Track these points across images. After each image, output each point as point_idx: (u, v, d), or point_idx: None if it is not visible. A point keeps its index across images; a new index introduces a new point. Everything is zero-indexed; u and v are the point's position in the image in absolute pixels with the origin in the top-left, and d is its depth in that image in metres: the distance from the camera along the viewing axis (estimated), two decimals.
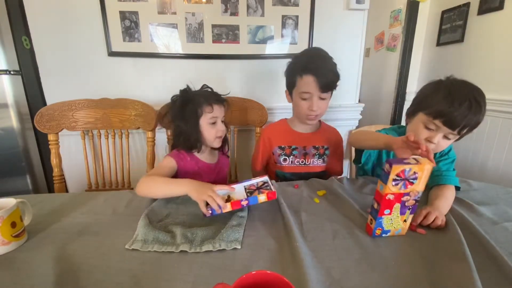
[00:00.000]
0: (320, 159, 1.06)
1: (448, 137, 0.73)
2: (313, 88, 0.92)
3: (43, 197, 0.81)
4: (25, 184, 1.39)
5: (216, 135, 0.92)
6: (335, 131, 1.12)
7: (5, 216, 0.54)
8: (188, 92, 0.92)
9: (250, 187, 0.73)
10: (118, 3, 1.19)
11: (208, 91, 0.95)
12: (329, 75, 0.92)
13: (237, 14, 1.27)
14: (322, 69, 0.91)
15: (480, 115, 0.68)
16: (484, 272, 0.47)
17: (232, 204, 0.65)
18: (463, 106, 0.66)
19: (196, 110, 0.88)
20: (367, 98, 1.91)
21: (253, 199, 0.65)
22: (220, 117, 0.93)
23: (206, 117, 0.90)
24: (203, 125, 0.90)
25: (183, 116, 0.89)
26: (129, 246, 0.56)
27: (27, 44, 1.25)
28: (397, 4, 1.85)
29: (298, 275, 0.47)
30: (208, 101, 0.89)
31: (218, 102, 0.92)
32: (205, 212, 0.65)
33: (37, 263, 0.51)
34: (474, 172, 1.46)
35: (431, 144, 0.73)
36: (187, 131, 0.90)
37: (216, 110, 0.91)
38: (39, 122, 1.10)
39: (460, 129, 0.69)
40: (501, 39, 1.32)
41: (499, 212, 0.70)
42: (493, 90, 1.35)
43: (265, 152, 1.08)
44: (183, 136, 0.91)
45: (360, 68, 1.47)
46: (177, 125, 0.92)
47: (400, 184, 0.54)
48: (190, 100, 0.89)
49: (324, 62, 0.94)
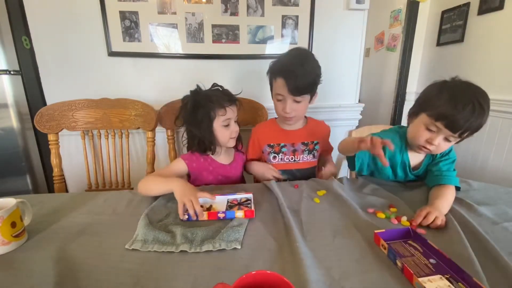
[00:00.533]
0: (310, 155, 1.05)
1: (449, 139, 0.73)
2: (285, 91, 0.91)
3: (43, 197, 0.81)
4: (25, 184, 1.39)
5: (230, 136, 0.91)
6: (322, 124, 1.12)
7: (5, 216, 0.54)
8: (199, 94, 0.89)
9: (233, 201, 0.76)
10: (118, 3, 1.19)
11: (219, 91, 0.92)
12: (301, 79, 0.88)
13: (237, 14, 1.27)
14: (294, 73, 0.88)
15: (483, 119, 0.68)
16: (484, 272, 0.47)
17: (209, 214, 0.68)
18: (467, 110, 0.66)
19: (209, 113, 0.86)
20: (367, 98, 1.91)
21: (231, 214, 0.68)
22: (233, 118, 0.91)
23: (219, 120, 0.88)
24: (217, 128, 0.89)
25: (195, 120, 0.87)
26: (129, 246, 0.56)
27: (27, 44, 1.25)
28: (397, 4, 1.85)
29: (298, 275, 0.47)
30: (221, 104, 0.86)
31: (231, 103, 0.89)
32: (181, 215, 0.67)
33: (37, 263, 0.51)
34: (474, 172, 1.46)
35: (431, 146, 0.73)
36: (201, 135, 0.88)
37: (229, 112, 0.89)
38: (39, 122, 1.10)
39: (462, 132, 0.69)
40: (501, 39, 1.32)
41: (499, 212, 0.70)
42: (493, 90, 1.34)
43: (255, 151, 1.08)
44: (197, 140, 0.90)
45: (360, 68, 1.47)
46: (189, 129, 0.90)
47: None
48: (202, 103, 0.87)
49: (300, 65, 0.89)
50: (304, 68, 0.90)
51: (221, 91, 0.92)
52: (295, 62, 0.90)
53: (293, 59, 0.92)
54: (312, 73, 0.92)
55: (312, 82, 0.93)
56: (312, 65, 0.93)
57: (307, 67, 0.91)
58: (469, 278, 0.45)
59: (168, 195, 0.78)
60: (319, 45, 1.38)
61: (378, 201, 0.76)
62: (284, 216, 0.67)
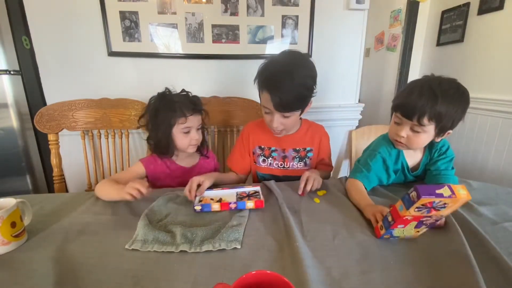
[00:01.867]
0: (301, 162, 0.99)
1: (415, 129, 0.73)
2: (271, 106, 0.83)
3: (43, 197, 0.81)
4: (25, 184, 1.40)
5: (190, 143, 0.90)
6: (318, 129, 1.02)
7: (5, 216, 0.54)
8: (164, 98, 0.89)
9: (242, 193, 0.79)
10: (118, 3, 1.19)
11: (186, 97, 0.91)
12: (288, 95, 0.80)
13: (237, 14, 1.27)
14: (280, 89, 0.79)
15: (437, 103, 0.67)
16: (484, 272, 0.47)
17: (221, 204, 0.71)
18: (414, 94, 0.69)
19: (170, 120, 0.86)
20: (367, 98, 1.91)
21: (242, 204, 0.72)
22: (195, 127, 0.90)
23: (179, 127, 0.88)
24: (176, 134, 0.89)
25: (155, 124, 0.88)
26: (129, 246, 0.56)
27: (27, 44, 1.26)
28: (397, 4, 1.85)
29: (298, 275, 0.47)
30: (183, 111, 0.86)
31: (195, 112, 0.89)
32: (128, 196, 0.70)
33: (37, 263, 0.51)
34: (474, 172, 1.46)
35: (400, 138, 0.76)
36: (158, 137, 0.88)
37: (191, 121, 0.88)
38: (39, 122, 1.10)
39: (418, 118, 0.70)
40: (501, 39, 1.32)
41: (499, 212, 0.70)
42: (493, 90, 1.36)
43: (243, 149, 1.02)
44: (154, 142, 0.90)
45: (360, 68, 1.47)
46: (150, 129, 0.91)
47: (423, 211, 0.49)
48: (164, 107, 0.86)
49: (289, 77, 0.79)
50: (293, 81, 0.80)
51: (188, 98, 0.91)
52: (283, 73, 0.80)
53: (281, 68, 0.82)
54: (302, 86, 0.82)
55: (302, 97, 0.84)
56: (304, 75, 0.82)
57: (297, 78, 0.80)
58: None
59: (168, 195, 0.78)
60: (319, 45, 1.38)
61: (378, 201, 0.76)
62: (284, 216, 0.67)
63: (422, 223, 0.54)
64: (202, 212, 0.71)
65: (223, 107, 1.25)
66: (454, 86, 0.70)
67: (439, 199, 0.46)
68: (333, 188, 0.85)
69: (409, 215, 0.50)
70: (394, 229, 0.55)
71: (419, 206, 0.48)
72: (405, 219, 0.51)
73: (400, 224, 0.53)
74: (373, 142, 0.91)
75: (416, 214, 0.50)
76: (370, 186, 0.82)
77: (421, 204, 0.47)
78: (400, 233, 0.57)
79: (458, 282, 0.46)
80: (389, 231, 0.56)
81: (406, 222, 0.53)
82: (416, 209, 0.48)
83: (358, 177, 0.82)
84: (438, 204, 0.47)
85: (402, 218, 0.51)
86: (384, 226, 0.57)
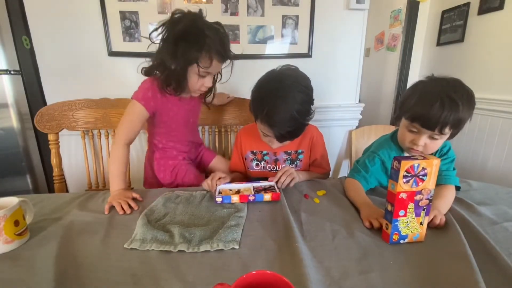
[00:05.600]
0: (292, 165, 0.99)
1: (433, 137, 0.71)
2: (272, 134, 0.84)
3: (44, 197, 0.81)
4: (25, 184, 1.40)
5: (199, 88, 0.84)
6: (310, 129, 0.99)
7: (8, 214, 0.55)
8: (196, 23, 0.75)
9: (258, 187, 0.82)
10: (118, 3, 1.20)
11: (218, 36, 0.77)
12: (283, 128, 0.80)
13: (237, 14, 1.27)
14: (275, 123, 0.79)
15: (458, 112, 0.66)
16: (484, 272, 0.47)
17: (240, 196, 0.75)
18: (435, 106, 0.66)
19: (192, 55, 0.75)
20: (367, 98, 1.91)
21: (259, 196, 0.75)
22: (213, 73, 0.83)
23: (197, 68, 0.78)
24: (190, 73, 0.80)
25: (174, 53, 0.75)
26: (128, 245, 0.56)
27: (27, 44, 1.26)
28: (397, 4, 1.85)
29: (298, 275, 0.47)
30: (210, 54, 0.75)
31: (221, 58, 0.79)
32: (106, 210, 0.71)
33: (40, 261, 0.52)
34: (474, 172, 1.46)
35: (418, 147, 0.73)
36: (172, 71, 0.78)
37: (213, 67, 0.79)
38: (39, 122, 1.10)
39: (441, 128, 0.68)
40: (501, 39, 1.32)
41: (499, 212, 0.70)
42: (493, 90, 1.35)
43: (237, 157, 1.04)
44: (166, 73, 0.80)
45: (360, 68, 1.47)
46: (164, 56, 0.78)
47: (411, 181, 0.54)
48: (193, 36, 0.73)
49: (282, 110, 0.78)
50: (286, 115, 0.78)
51: (220, 38, 0.78)
52: (273, 107, 0.78)
53: (270, 100, 0.78)
54: (296, 119, 0.80)
55: (299, 127, 0.84)
56: (297, 100, 0.79)
57: (287, 109, 0.78)
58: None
59: (167, 195, 0.79)
60: (319, 45, 1.38)
61: (378, 200, 0.76)
62: (284, 216, 0.67)
63: (419, 206, 0.56)
64: (202, 212, 0.71)
65: (223, 107, 1.25)
66: (465, 89, 0.69)
67: (417, 162, 0.53)
68: (333, 188, 0.84)
69: (402, 191, 0.54)
70: (398, 219, 0.56)
71: (405, 175, 0.53)
72: (400, 198, 0.55)
73: (400, 210, 0.55)
74: (374, 143, 0.90)
75: (407, 189, 0.54)
76: (368, 187, 0.82)
77: (405, 170, 0.53)
78: (406, 230, 0.57)
79: (458, 282, 0.46)
80: (394, 226, 0.56)
81: (404, 205, 0.55)
82: (404, 179, 0.54)
83: (356, 177, 0.82)
84: (419, 170, 0.53)
85: (398, 197, 0.54)
86: (387, 220, 0.58)
